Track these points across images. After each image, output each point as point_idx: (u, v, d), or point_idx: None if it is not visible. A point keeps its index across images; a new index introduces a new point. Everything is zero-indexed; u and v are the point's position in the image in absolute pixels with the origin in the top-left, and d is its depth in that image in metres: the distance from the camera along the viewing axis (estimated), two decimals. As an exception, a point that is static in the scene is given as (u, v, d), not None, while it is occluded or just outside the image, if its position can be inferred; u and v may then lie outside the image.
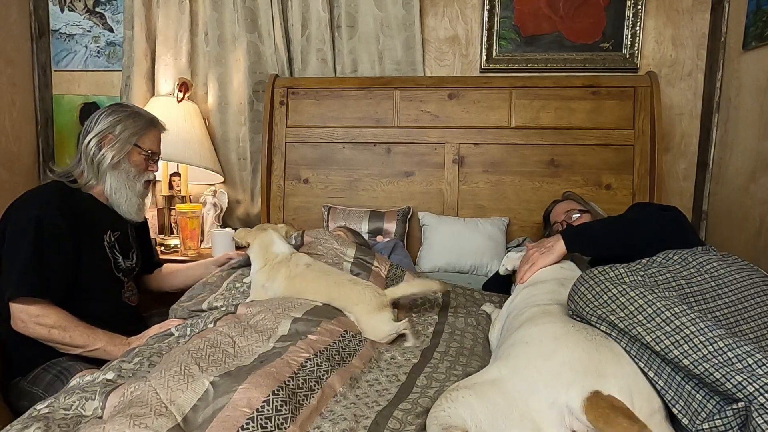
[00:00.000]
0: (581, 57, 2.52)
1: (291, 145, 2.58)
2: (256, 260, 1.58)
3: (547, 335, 1.04)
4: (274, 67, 2.65)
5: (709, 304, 1.12)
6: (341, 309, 1.46)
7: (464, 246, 2.25)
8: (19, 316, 1.50)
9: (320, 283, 1.50)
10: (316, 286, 1.50)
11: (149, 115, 1.78)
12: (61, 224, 1.55)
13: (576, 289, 1.11)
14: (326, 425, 0.98)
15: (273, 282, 1.53)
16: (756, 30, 2.11)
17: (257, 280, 1.56)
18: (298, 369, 1.10)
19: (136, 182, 1.74)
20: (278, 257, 1.56)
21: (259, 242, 1.59)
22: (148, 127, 1.75)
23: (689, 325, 0.93)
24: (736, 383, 0.84)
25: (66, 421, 0.97)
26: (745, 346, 0.88)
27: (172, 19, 2.67)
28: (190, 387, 1.01)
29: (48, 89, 2.88)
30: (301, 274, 1.52)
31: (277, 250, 1.58)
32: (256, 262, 1.58)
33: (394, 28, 2.55)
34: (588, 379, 0.91)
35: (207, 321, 1.36)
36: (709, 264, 1.21)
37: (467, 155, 2.46)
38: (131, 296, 1.81)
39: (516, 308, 1.32)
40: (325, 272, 1.55)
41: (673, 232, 1.45)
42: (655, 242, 1.35)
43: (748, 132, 2.17)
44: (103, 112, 1.70)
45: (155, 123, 1.78)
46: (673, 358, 0.92)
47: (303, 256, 1.60)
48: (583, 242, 1.52)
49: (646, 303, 1.00)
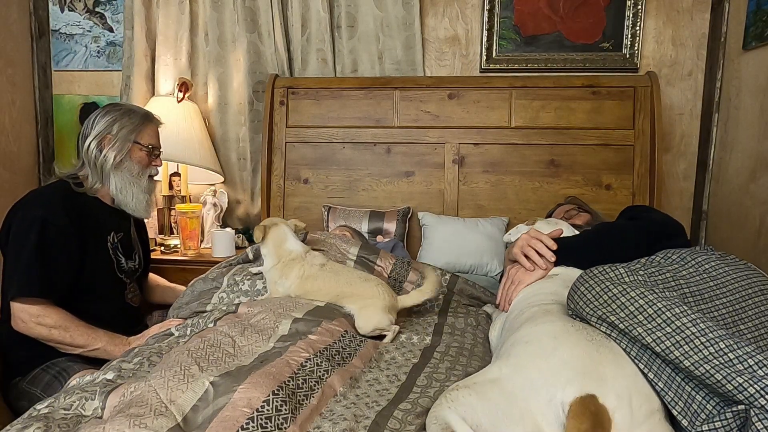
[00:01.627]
0: (581, 57, 2.52)
1: (291, 145, 2.58)
2: (269, 257, 1.56)
3: (547, 334, 1.04)
4: (274, 67, 2.65)
5: (708, 304, 1.12)
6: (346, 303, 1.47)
7: (464, 246, 2.25)
8: (19, 315, 1.50)
9: (331, 285, 1.50)
10: (328, 287, 1.50)
11: (143, 110, 1.79)
12: (66, 225, 1.55)
13: (576, 288, 1.11)
14: (326, 425, 0.98)
15: (286, 280, 1.52)
16: (756, 30, 2.11)
17: (271, 277, 1.55)
18: (298, 369, 1.10)
19: (140, 179, 1.74)
20: (292, 254, 1.54)
21: (272, 238, 1.56)
22: (145, 123, 1.75)
23: (690, 326, 0.93)
24: (737, 385, 0.83)
25: (66, 421, 0.97)
26: (746, 347, 0.88)
27: (172, 19, 2.67)
28: (190, 387, 1.01)
29: (48, 89, 2.88)
30: (314, 275, 1.51)
31: (291, 247, 1.55)
32: (268, 258, 1.56)
33: (394, 28, 2.55)
34: (587, 379, 0.91)
35: (207, 321, 1.36)
36: (708, 263, 1.21)
37: (467, 155, 2.46)
38: (133, 297, 1.82)
39: (516, 307, 1.32)
40: (336, 272, 1.54)
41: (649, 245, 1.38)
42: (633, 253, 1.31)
43: (748, 132, 2.17)
44: (98, 114, 1.70)
45: (150, 117, 1.78)
46: (674, 359, 0.92)
47: (318, 255, 1.58)
48: (565, 255, 1.46)
49: (647, 303, 0.99)
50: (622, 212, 1.74)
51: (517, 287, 1.41)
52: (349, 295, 1.47)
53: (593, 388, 0.89)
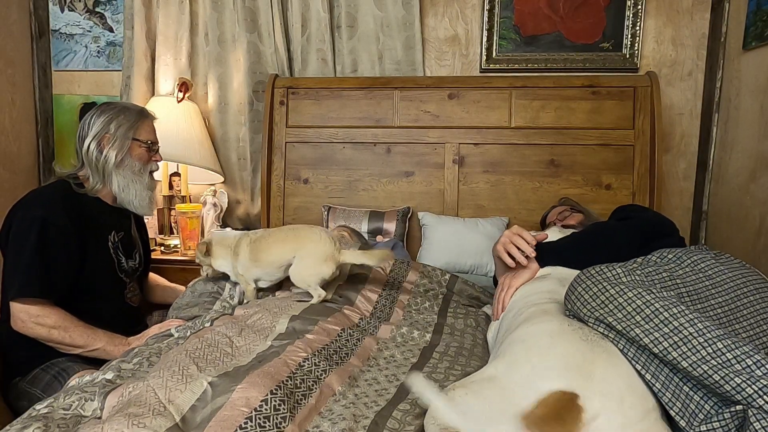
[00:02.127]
0: (581, 57, 2.52)
1: (291, 145, 2.58)
2: (223, 256, 1.67)
3: (543, 333, 1.05)
4: (274, 67, 2.65)
5: (704, 304, 1.12)
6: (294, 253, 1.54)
7: (464, 246, 2.25)
8: (19, 315, 1.50)
9: (277, 235, 1.62)
10: (275, 238, 1.61)
11: (137, 107, 1.79)
12: (66, 224, 1.55)
13: (573, 289, 1.11)
14: (325, 425, 0.98)
15: (241, 255, 1.62)
16: (756, 30, 2.11)
17: (238, 269, 1.65)
18: (296, 368, 1.10)
19: (142, 176, 1.75)
20: (235, 237, 1.68)
21: (215, 244, 1.70)
22: (141, 119, 1.75)
23: (688, 326, 0.93)
24: (735, 385, 0.83)
25: (65, 421, 0.97)
26: (744, 347, 0.88)
27: (172, 19, 2.67)
28: (188, 387, 1.01)
29: (48, 89, 2.88)
30: (260, 236, 1.64)
31: (230, 234, 1.72)
32: (223, 258, 1.68)
33: (394, 28, 2.55)
34: (575, 377, 0.91)
35: (204, 321, 1.37)
36: (703, 263, 1.21)
37: (467, 155, 2.46)
38: (133, 297, 1.82)
39: (515, 307, 1.32)
40: (279, 228, 1.67)
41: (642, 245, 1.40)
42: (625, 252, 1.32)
43: (748, 132, 2.17)
44: (93, 115, 1.70)
45: (145, 113, 1.78)
46: (672, 359, 0.91)
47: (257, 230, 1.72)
48: (552, 257, 1.46)
49: (644, 304, 0.99)
50: (614, 212, 1.75)
51: (508, 292, 1.42)
52: (293, 240, 1.56)
53: (578, 386, 0.90)
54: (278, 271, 1.61)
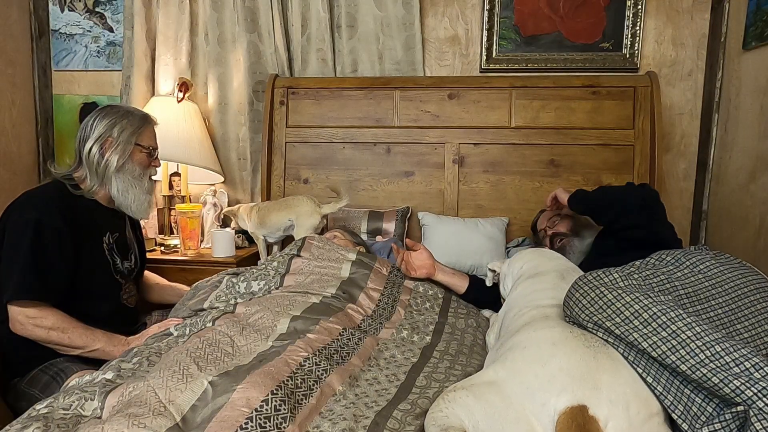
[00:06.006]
0: (581, 57, 2.52)
1: (291, 145, 2.58)
2: (241, 219, 2.37)
3: (546, 341, 1.04)
4: (274, 67, 2.65)
5: (704, 305, 1.12)
6: (292, 219, 2.18)
7: (464, 246, 2.25)
8: (17, 318, 1.49)
9: (275, 205, 2.28)
10: (273, 206, 2.27)
11: (141, 112, 1.79)
12: (61, 226, 1.54)
13: (571, 295, 1.11)
14: (326, 425, 0.98)
15: (252, 219, 2.31)
16: (756, 30, 2.11)
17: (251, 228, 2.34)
18: (297, 368, 1.10)
19: (142, 180, 1.74)
20: (248, 208, 2.36)
21: (236, 213, 2.40)
22: (144, 124, 1.75)
23: (685, 329, 0.93)
24: (734, 388, 0.83)
25: (65, 421, 0.97)
26: (742, 349, 0.88)
27: (172, 19, 2.67)
28: (188, 387, 1.01)
29: (48, 89, 2.88)
30: (264, 206, 2.31)
31: (247, 206, 2.39)
32: (242, 221, 2.37)
33: (394, 28, 2.55)
34: (581, 388, 0.91)
35: (205, 320, 1.36)
36: (702, 264, 1.21)
37: (467, 155, 2.46)
38: (129, 298, 1.81)
39: (516, 305, 1.31)
40: (276, 201, 2.35)
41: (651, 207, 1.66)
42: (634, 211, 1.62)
43: (748, 132, 2.17)
44: (96, 117, 1.69)
45: (148, 119, 1.78)
46: (671, 363, 0.91)
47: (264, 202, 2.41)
48: (577, 200, 1.79)
49: (642, 308, 0.99)
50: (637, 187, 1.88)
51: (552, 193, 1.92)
52: (285, 209, 2.21)
53: (586, 397, 0.89)
54: (278, 231, 2.26)
